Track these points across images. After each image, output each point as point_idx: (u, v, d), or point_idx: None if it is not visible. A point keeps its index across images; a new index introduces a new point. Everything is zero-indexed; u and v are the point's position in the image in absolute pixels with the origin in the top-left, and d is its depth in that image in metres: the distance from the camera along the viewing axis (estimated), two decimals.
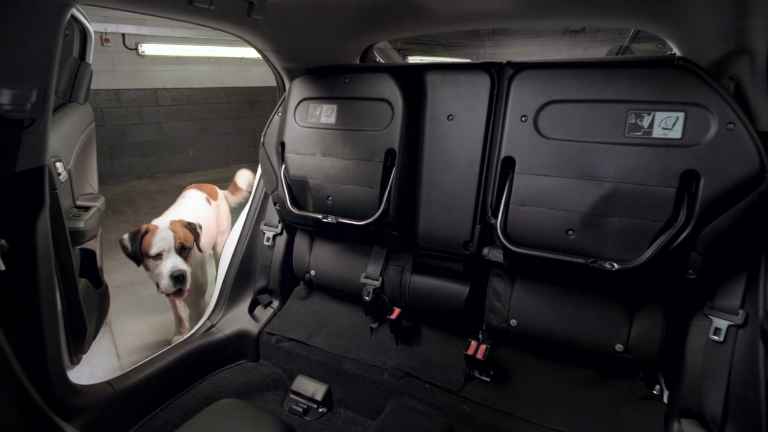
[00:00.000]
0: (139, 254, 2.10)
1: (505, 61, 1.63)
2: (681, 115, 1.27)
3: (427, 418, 1.58)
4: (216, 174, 7.89)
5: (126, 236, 2.11)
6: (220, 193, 3.10)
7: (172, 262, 2.06)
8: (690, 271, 1.33)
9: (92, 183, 2.12)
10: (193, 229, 2.22)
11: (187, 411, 1.69)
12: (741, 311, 1.29)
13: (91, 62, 2.01)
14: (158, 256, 2.08)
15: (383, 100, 1.71)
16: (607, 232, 1.38)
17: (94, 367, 2.39)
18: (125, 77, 6.98)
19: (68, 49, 1.93)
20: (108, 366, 2.46)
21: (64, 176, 1.68)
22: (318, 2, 1.65)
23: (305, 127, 1.88)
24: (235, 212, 2.34)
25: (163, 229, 2.11)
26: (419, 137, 1.74)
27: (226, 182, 3.44)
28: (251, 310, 2.17)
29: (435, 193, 1.73)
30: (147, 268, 2.16)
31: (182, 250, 2.13)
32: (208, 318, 2.06)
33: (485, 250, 1.66)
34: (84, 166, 2.01)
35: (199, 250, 2.31)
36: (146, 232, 2.12)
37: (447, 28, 2.04)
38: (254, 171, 2.41)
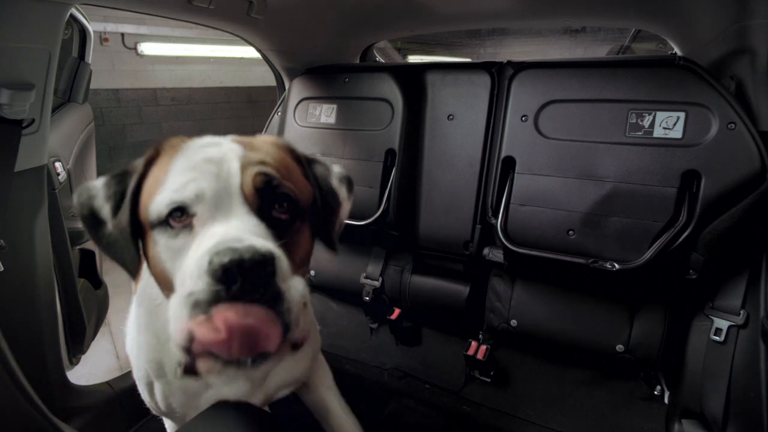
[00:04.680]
0: (126, 221, 0.72)
1: (505, 61, 1.63)
2: (682, 114, 1.27)
3: (427, 419, 1.57)
4: None
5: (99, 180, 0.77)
6: None
7: (230, 226, 0.64)
8: (691, 271, 1.33)
9: None
10: (301, 159, 0.83)
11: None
12: (742, 311, 1.29)
13: (90, 62, 2.01)
14: (181, 218, 0.66)
15: (383, 100, 1.71)
16: (608, 232, 1.37)
17: (94, 368, 2.39)
18: (124, 77, 6.97)
19: (67, 49, 1.93)
20: (107, 366, 2.46)
21: (63, 176, 1.67)
22: (318, 2, 1.65)
23: (305, 126, 1.87)
24: None
25: (209, 143, 0.75)
26: (419, 137, 1.74)
27: None
28: None
29: (435, 193, 1.73)
30: (151, 264, 0.72)
31: (270, 206, 0.69)
32: None
33: (485, 250, 1.65)
34: (83, 166, 2.00)
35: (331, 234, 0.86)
36: (157, 153, 0.78)
37: (447, 27, 2.04)
38: None
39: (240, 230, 0.62)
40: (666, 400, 1.53)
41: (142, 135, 7.37)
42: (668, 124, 1.29)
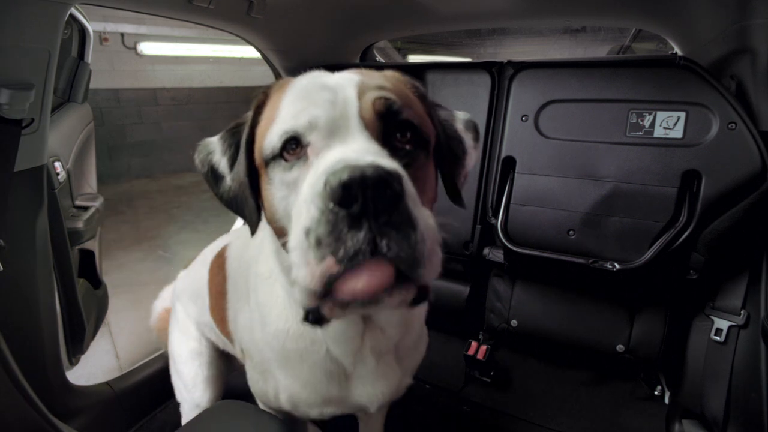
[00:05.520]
0: (243, 171, 0.70)
1: (505, 61, 1.63)
2: (682, 114, 1.27)
3: (427, 419, 1.57)
4: None
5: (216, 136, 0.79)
6: None
7: (347, 150, 0.56)
8: (691, 271, 1.33)
9: (91, 183, 2.11)
10: (425, 96, 0.75)
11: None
12: (742, 312, 1.29)
13: (89, 62, 2.00)
14: (296, 150, 0.62)
15: None
16: (608, 233, 1.37)
17: (93, 368, 2.39)
18: (124, 77, 6.97)
19: (67, 49, 1.93)
20: (107, 367, 2.45)
21: (62, 176, 1.67)
22: (318, 1, 1.65)
23: None
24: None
25: (322, 74, 0.69)
26: None
27: None
28: None
29: None
30: (266, 208, 0.69)
31: (389, 129, 0.62)
32: None
33: (486, 251, 1.65)
34: (83, 166, 2.00)
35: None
36: (265, 97, 0.75)
37: (447, 27, 2.04)
38: None
39: (359, 152, 0.54)
40: (666, 401, 1.53)
41: (142, 135, 7.36)
42: (669, 124, 1.29)
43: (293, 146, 0.62)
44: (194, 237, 4.51)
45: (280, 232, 0.66)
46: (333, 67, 2.04)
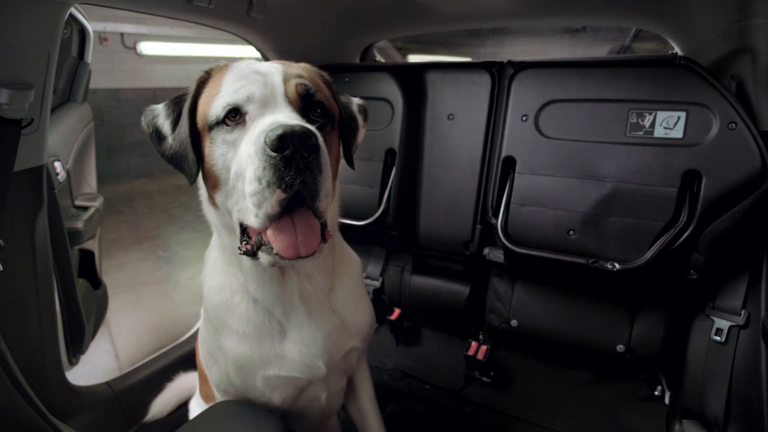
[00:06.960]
0: (185, 131, 0.87)
1: (505, 60, 1.62)
2: (682, 114, 1.27)
3: (427, 420, 1.57)
4: None
5: (160, 104, 0.93)
6: None
7: (277, 117, 0.80)
8: (692, 271, 1.33)
9: (91, 183, 2.11)
10: (330, 83, 0.98)
11: (185, 412, 1.68)
12: (743, 312, 1.29)
13: (89, 61, 2.00)
14: (235, 118, 0.82)
15: (383, 100, 1.71)
16: (609, 233, 1.37)
17: (93, 368, 2.39)
18: (124, 76, 6.96)
19: (67, 49, 1.92)
20: (107, 367, 2.45)
21: (62, 176, 1.67)
22: (318, 1, 1.65)
23: None
24: None
25: (254, 62, 0.90)
26: (419, 137, 1.73)
27: None
28: None
29: (435, 192, 1.73)
30: (207, 162, 0.86)
31: (307, 107, 0.86)
32: None
33: (486, 251, 1.65)
34: (83, 166, 2.00)
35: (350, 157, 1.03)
36: (208, 76, 0.91)
37: (447, 27, 2.04)
38: None
39: (287, 118, 0.77)
40: (666, 401, 1.53)
41: (142, 135, 7.29)
42: (669, 124, 1.29)
43: (233, 114, 0.81)
44: (194, 237, 4.51)
45: (215, 184, 0.85)
46: (333, 67, 2.05)
